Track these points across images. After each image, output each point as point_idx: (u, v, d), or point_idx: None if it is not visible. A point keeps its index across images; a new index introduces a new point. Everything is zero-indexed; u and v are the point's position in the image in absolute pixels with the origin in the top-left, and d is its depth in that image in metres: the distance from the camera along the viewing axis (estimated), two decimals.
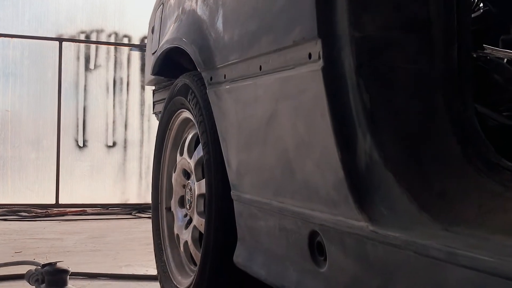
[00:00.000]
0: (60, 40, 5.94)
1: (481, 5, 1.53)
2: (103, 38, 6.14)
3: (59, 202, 5.79)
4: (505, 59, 1.28)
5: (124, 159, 6.14)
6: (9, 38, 5.79)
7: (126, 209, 5.75)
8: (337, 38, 1.00)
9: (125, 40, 6.21)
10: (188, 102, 1.84)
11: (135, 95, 6.21)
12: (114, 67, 6.15)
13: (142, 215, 5.49)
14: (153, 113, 2.75)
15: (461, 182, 0.90)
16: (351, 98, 0.98)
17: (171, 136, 2.15)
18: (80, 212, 5.49)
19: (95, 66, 6.09)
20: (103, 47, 6.12)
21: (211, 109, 1.63)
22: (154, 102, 2.70)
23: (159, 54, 2.11)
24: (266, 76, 1.26)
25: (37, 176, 5.83)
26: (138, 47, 6.19)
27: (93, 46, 6.10)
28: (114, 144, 6.12)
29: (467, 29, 1.01)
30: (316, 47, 1.03)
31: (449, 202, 0.88)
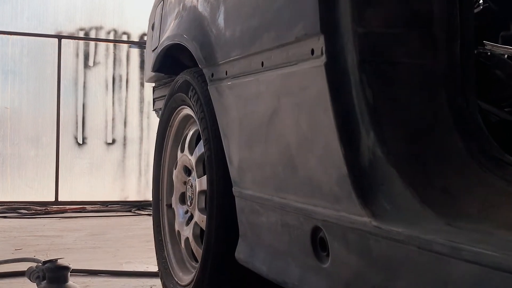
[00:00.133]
0: (59, 38, 5.93)
1: (481, 2, 1.53)
2: (102, 35, 6.13)
3: (59, 199, 5.80)
4: (506, 56, 1.28)
5: (124, 156, 6.14)
6: (8, 36, 5.78)
7: (126, 206, 5.75)
8: (340, 34, 1.00)
9: (124, 37, 6.21)
10: (189, 99, 1.84)
11: (134, 93, 6.21)
12: (113, 64, 6.15)
13: (142, 212, 5.50)
14: (153, 110, 2.75)
15: (464, 178, 0.91)
16: (354, 94, 0.98)
17: (172, 133, 2.15)
18: (80, 209, 5.50)
19: (94, 63, 6.09)
20: (102, 44, 6.12)
21: (212, 106, 1.63)
22: (154, 99, 2.70)
23: (160, 51, 2.11)
24: (268, 72, 1.26)
25: (37, 173, 5.83)
26: (137, 44, 6.18)
27: (92, 43, 6.09)
28: (114, 141, 6.12)
29: (470, 25, 1.01)
30: (319, 43, 1.03)
31: (452, 198, 0.88)
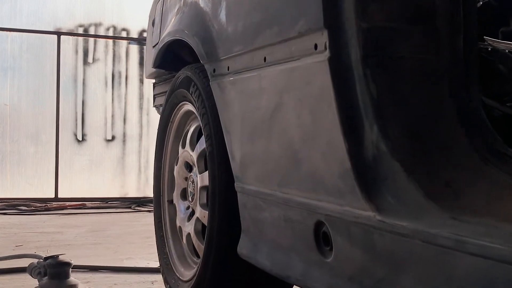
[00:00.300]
0: (59, 34, 5.93)
1: None
2: (102, 32, 6.12)
3: (58, 196, 5.80)
4: (506, 51, 1.29)
5: (123, 153, 6.14)
6: (7, 32, 5.77)
7: (126, 203, 5.75)
8: (344, 29, 1.00)
9: (124, 34, 6.20)
10: (190, 95, 1.85)
11: (134, 89, 6.20)
12: (113, 61, 6.14)
13: (142, 209, 5.50)
14: (154, 106, 2.75)
15: (468, 172, 0.91)
16: (358, 89, 0.98)
17: (173, 129, 2.15)
18: (80, 206, 5.50)
19: (94, 60, 6.08)
20: (102, 41, 6.11)
21: (214, 101, 1.63)
22: (155, 95, 2.70)
23: (161, 47, 2.11)
24: (271, 68, 1.26)
25: (36, 170, 5.83)
26: (137, 41, 6.18)
27: (92, 40, 6.09)
28: (113, 138, 6.12)
29: (473, 20, 1.01)
30: (322, 38, 1.04)
31: (456, 191, 0.89)
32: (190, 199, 1.94)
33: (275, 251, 1.35)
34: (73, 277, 2.26)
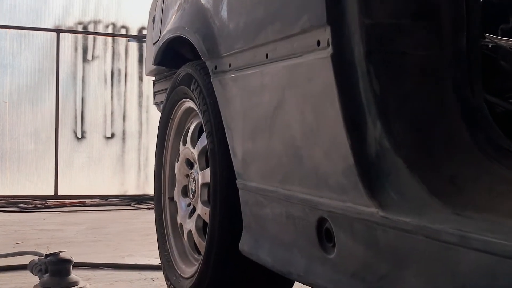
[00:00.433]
0: (58, 31, 5.92)
1: None
2: (101, 29, 6.12)
3: (58, 194, 5.80)
4: (509, 48, 1.29)
5: (123, 151, 6.14)
6: (6, 29, 5.77)
7: (125, 200, 5.76)
8: (347, 25, 1.00)
9: (123, 31, 6.20)
10: (192, 92, 1.84)
11: (133, 87, 6.20)
12: (112, 58, 6.14)
13: (141, 206, 5.51)
14: (154, 104, 2.74)
15: (471, 167, 0.91)
16: (361, 85, 0.98)
17: (174, 126, 2.15)
18: (79, 203, 5.50)
19: (93, 57, 6.08)
20: (101, 38, 6.11)
21: (215, 98, 1.63)
22: (155, 93, 2.69)
23: (161, 44, 2.11)
24: (273, 64, 1.26)
25: (36, 168, 5.83)
26: (136, 38, 6.18)
27: (91, 37, 6.08)
28: (113, 136, 6.12)
29: (476, 16, 1.01)
30: (325, 34, 1.03)
31: (460, 187, 0.89)
32: (191, 196, 1.94)
33: (277, 248, 1.35)
34: (74, 274, 2.26)
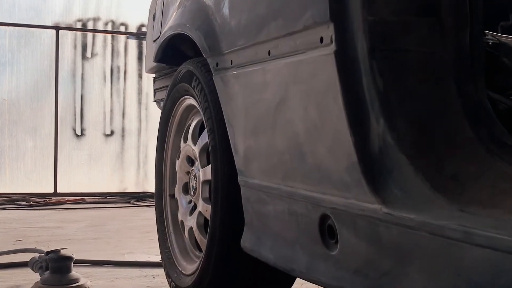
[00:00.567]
0: (57, 29, 5.91)
1: None
2: (100, 27, 6.11)
3: (58, 191, 5.79)
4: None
5: (122, 148, 6.14)
6: (5, 27, 5.76)
7: (125, 198, 5.75)
8: (350, 22, 1.00)
9: (122, 28, 6.19)
10: (193, 89, 1.84)
11: (133, 84, 6.19)
12: (111, 56, 6.13)
13: (141, 204, 5.50)
14: (154, 101, 2.74)
15: (474, 164, 0.91)
16: (364, 82, 0.98)
17: (175, 123, 2.15)
18: (79, 201, 5.50)
19: (92, 55, 6.07)
20: (100, 36, 6.10)
21: (217, 96, 1.63)
22: (155, 90, 2.69)
23: (162, 41, 2.11)
24: (275, 61, 1.26)
25: (35, 165, 5.83)
26: (135, 35, 6.17)
27: (90, 35, 6.07)
28: (112, 133, 6.12)
29: (479, 13, 1.02)
30: (328, 31, 1.04)
31: (463, 184, 0.89)
32: (192, 193, 1.94)
33: (279, 245, 1.36)
34: (75, 271, 2.26)
